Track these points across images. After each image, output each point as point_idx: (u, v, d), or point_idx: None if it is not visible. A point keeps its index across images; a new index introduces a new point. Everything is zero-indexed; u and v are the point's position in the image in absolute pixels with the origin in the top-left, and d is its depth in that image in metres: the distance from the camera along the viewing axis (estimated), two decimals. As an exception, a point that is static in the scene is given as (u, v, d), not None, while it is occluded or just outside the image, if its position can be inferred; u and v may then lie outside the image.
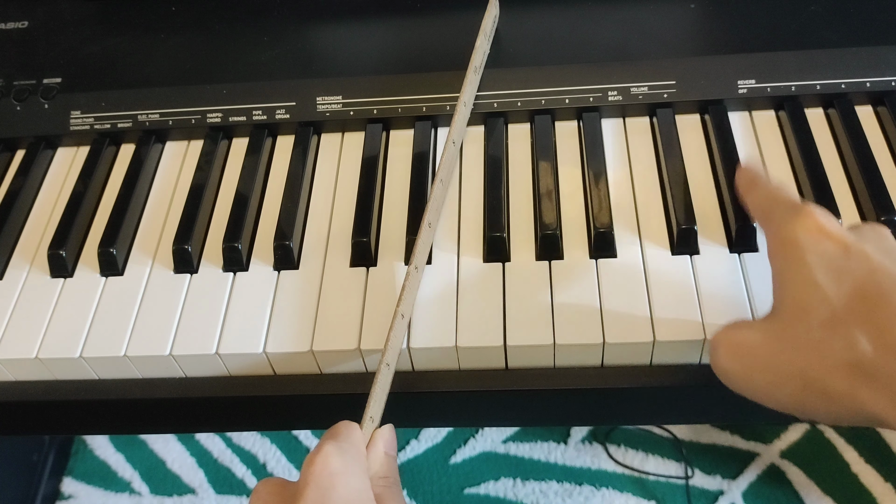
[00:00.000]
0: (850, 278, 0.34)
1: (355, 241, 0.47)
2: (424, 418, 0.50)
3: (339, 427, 0.38)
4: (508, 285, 0.45)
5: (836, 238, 0.35)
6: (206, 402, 0.47)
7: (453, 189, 0.50)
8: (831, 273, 0.34)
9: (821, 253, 0.35)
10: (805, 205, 0.37)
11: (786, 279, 0.36)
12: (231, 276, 0.48)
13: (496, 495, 1.03)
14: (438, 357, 0.44)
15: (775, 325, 0.35)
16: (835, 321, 0.33)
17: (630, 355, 0.43)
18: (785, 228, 0.36)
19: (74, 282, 0.50)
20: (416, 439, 1.08)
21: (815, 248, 0.35)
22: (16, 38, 0.61)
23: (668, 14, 0.55)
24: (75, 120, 0.56)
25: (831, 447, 1.04)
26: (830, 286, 0.34)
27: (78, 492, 1.08)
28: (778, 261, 0.36)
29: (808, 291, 0.34)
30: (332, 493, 0.33)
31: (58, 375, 0.48)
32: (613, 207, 0.48)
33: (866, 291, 0.33)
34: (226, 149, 0.55)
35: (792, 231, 0.36)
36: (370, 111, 0.53)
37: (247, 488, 1.06)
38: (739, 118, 0.52)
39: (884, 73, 0.50)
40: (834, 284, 0.34)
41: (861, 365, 0.32)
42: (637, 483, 1.03)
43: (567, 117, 0.53)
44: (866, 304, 0.33)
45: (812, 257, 0.35)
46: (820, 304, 0.34)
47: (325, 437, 0.37)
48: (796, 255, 0.35)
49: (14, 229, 0.53)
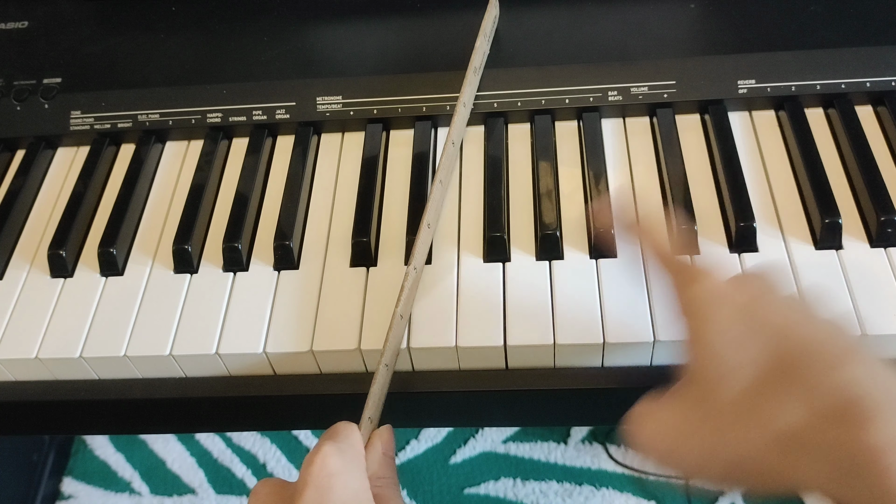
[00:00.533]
0: (756, 342, 0.31)
1: (355, 241, 0.47)
2: (424, 418, 0.50)
3: (338, 427, 0.38)
4: (508, 285, 0.45)
5: (735, 302, 0.33)
6: (206, 402, 0.47)
7: (453, 189, 0.50)
8: (738, 340, 0.32)
9: (723, 320, 0.32)
10: (698, 268, 0.35)
11: (694, 347, 0.33)
12: (231, 276, 0.48)
13: (496, 495, 1.02)
14: (438, 357, 0.44)
15: (693, 398, 0.33)
16: (754, 391, 0.31)
17: (630, 355, 0.43)
18: (688, 297, 0.34)
19: (74, 282, 0.49)
20: (416, 439, 1.08)
21: (716, 315, 0.33)
22: (16, 38, 0.61)
23: (668, 14, 0.55)
24: (75, 120, 0.56)
25: (831, 447, 1.04)
26: (738, 351, 0.32)
27: (78, 492, 1.08)
28: (687, 331, 0.34)
29: (718, 361, 0.32)
30: (330, 493, 0.33)
31: (58, 375, 0.48)
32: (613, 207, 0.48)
33: (780, 355, 0.31)
34: (226, 149, 0.55)
35: (694, 299, 0.34)
36: (370, 111, 0.53)
37: (247, 488, 1.06)
38: (739, 118, 0.52)
39: (884, 73, 0.50)
40: (741, 349, 0.32)
41: (793, 436, 0.29)
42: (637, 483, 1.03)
43: (567, 117, 0.53)
44: (783, 369, 0.30)
45: (716, 325, 0.32)
46: (731, 371, 0.31)
47: (323, 437, 0.37)
48: (704, 323, 0.33)
49: (14, 229, 0.53)
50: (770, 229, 0.46)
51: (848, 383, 0.29)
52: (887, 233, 0.45)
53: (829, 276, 0.44)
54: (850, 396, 0.28)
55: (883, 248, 0.45)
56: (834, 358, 0.30)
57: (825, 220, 0.45)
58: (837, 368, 0.29)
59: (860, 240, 0.45)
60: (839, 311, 0.42)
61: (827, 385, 0.29)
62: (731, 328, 0.32)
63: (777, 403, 0.30)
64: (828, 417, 0.29)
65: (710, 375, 0.32)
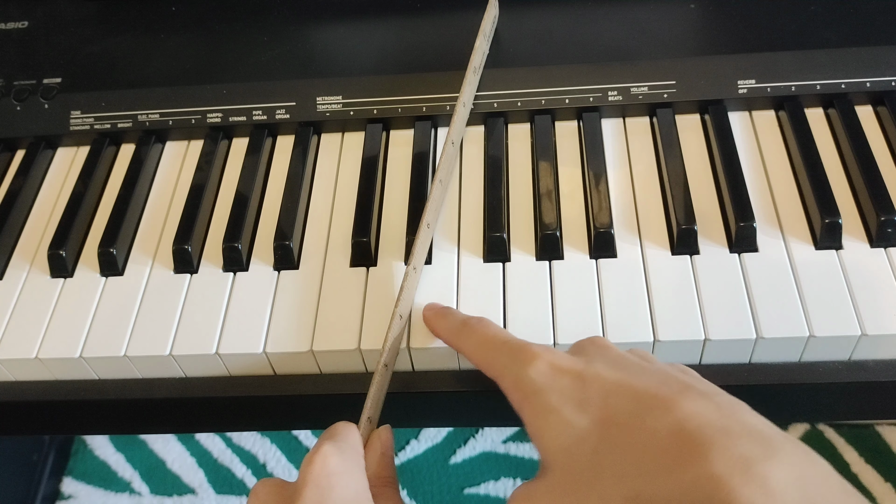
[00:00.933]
0: (594, 407, 0.32)
1: (355, 241, 0.47)
2: (424, 418, 0.50)
3: (337, 427, 0.38)
4: (508, 285, 0.45)
5: (569, 371, 0.33)
6: (206, 402, 0.47)
7: (453, 189, 0.50)
8: (576, 407, 0.32)
9: (560, 390, 0.33)
10: (527, 346, 0.35)
11: (539, 428, 0.33)
12: (231, 276, 0.48)
13: (496, 495, 1.02)
14: (438, 357, 0.44)
15: (552, 480, 0.32)
16: (596, 457, 0.30)
17: (630, 355, 0.43)
18: (518, 378, 0.34)
19: (74, 282, 0.49)
20: (415, 439, 1.08)
21: (553, 388, 0.33)
22: (16, 38, 0.61)
23: (668, 14, 0.55)
24: (75, 120, 0.56)
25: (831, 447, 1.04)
26: (580, 421, 0.31)
27: (78, 492, 1.08)
28: (526, 412, 0.34)
29: (563, 433, 0.32)
30: (330, 493, 0.33)
31: (58, 375, 0.48)
32: (613, 207, 0.48)
33: (610, 419, 0.31)
34: (226, 149, 0.55)
35: (527, 378, 0.34)
36: (370, 111, 0.53)
37: (247, 488, 1.06)
38: (739, 118, 0.52)
39: (884, 73, 0.50)
40: (582, 418, 0.31)
41: (638, 499, 0.28)
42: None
43: (567, 117, 0.53)
44: (615, 432, 0.30)
45: (554, 398, 0.33)
46: (578, 443, 0.31)
47: (322, 437, 0.37)
48: (540, 401, 0.33)
49: (14, 229, 0.53)
50: (770, 229, 0.46)
51: (681, 422, 0.29)
52: (887, 233, 0.45)
53: (829, 276, 0.44)
54: (684, 435, 0.28)
55: (883, 248, 0.45)
56: (666, 401, 0.30)
57: (825, 220, 0.45)
58: (671, 411, 0.29)
59: (860, 240, 0.45)
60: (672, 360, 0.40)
61: (663, 431, 0.29)
62: (574, 394, 0.32)
63: (616, 466, 0.29)
64: (669, 464, 0.28)
65: (562, 447, 0.32)
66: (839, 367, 0.43)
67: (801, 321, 0.42)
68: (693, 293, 0.44)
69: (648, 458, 0.29)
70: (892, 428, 1.05)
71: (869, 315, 0.42)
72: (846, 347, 0.42)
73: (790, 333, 0.42)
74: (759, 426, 0.28)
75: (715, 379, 0.42)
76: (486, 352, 0.37)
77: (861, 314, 0.42)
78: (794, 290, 0.43)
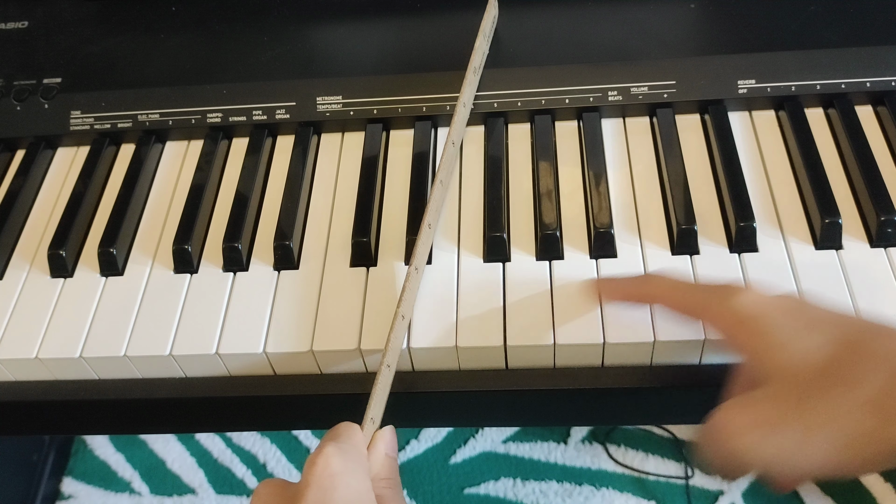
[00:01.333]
0: (821, 329, 0.35)
1: (355, 241, 0.47)
2: (424, 418, 0.50)
3: (340, 428, 0.38)
4: (508, 285, 0.45)
5: (782, 300, 0.36)
6: (206, 402, 0.47)
7: (453, 189, 0.50)
8: (800, 331, 0.35)
9: (779, 317, 0.35)
10: (724, 284, 0.38)
11: (761, 350, 0.35)
12: (231, 276, 0.48)
13: (496, 495, 1.02)
14: (438, 357, 0.44)
15: (778, 390, 0.34)
16: (833, 367, 0.33)
17: (630, 355, 0.43)
18: (728, 308, 0.37)
19: (74, 282, 0.49)
20: (416, 439, 1.08)
21: (771, 311, 0.36)
22: (16, 38, 0.61)
23: (668, 14, 0.55)
24: (75, 120, 0.56)
25: (831, 447, 1.04)
26: (807, 341, 0.34)
27: (78, 492, 1.08)
28: (741, 339, 0.36)
29: (790, 352, 0.34)
30: (333, 493, 0.33)
31: (58, 375, 0.48)
32: (613, 207, 0.48)
33: (845, 334, 0.34)
34: (226, 149, 0.55)
35: (738, 306, 0.36)
36: (370, 111, 0.53)
37: (247, 488, 1.06)
38: (739, 118, 0.52)
39: (884, 73, 0.50)
40: (810, 339, 0.34)
41: (884, 394, 0.32)
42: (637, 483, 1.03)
43: (567, 117, 0.53)
44: (853, 344, 0.34)
45: (774, 322, 0.35)
46: (807, 358, 0.34)
47: (325, 437, 0.37)
48: (761, 325, 0.35)
49: (14, 229, 0.53)
50: (770, 229, 0.46)
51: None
52: (887, 233, 0.45)
53: (829, 276, 0.44)
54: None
55: (883, 248, 0.45)
56: (893, 331, 0.34)
57: (825, 220, 0.45)
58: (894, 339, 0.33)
59: (860, 240, 0.45)
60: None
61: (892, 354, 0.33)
62: (789, 322, 0.35)
63: (859, 371, 0.33)
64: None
65: (785, 366, 0.34)
66: (839, 367, 0.43)
67: (801, 321, 0.42)
68: (693, 293, 0.44)
69: (883, 368, 0.32)
70: (892, 428, 1.05)
71: (869, 315, 0.42)
72: (846, 347, 0.42)
73: (790, 333, 0.42)
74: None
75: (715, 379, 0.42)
76: (681, 293, 0.40)
77: (861, 314, 0.42)
78: (794, 290, 0.43)
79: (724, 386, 0.39)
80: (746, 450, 0.34)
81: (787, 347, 0.34)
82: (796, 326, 0.35)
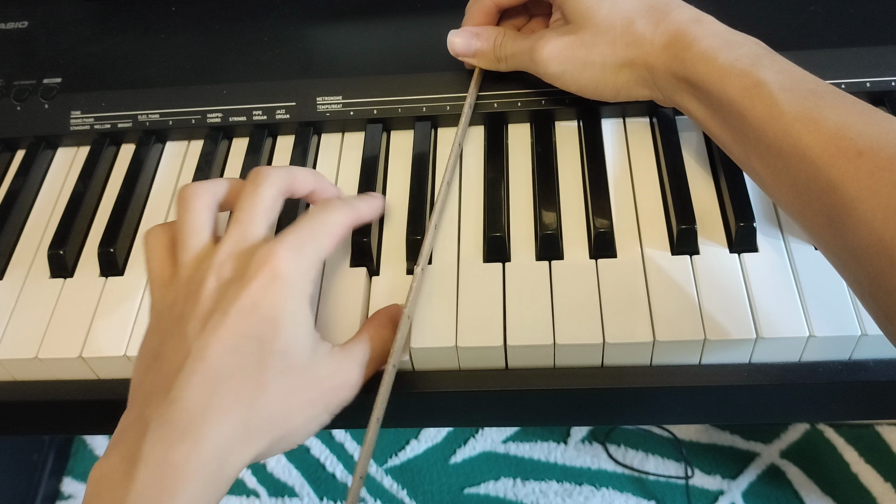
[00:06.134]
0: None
1: (356, 240, 0.47)
2: (424, 418, 0.50)
3: None
4: (508, 285, 0.45)
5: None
6: (206, 402, 0.47)
7: (453, 189, 0.50)
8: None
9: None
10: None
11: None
12: (231, 276, 0.48)
13: (496, 495, 1.03)
14: (438, 357, 0.44)
15: (580, 31, 0.45)
16: (628, 20, 0.44)
17: (630, 355, 0.43)
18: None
19: (74, 282, 0.50)
20: (416, 439, 1.08)
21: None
22: (16, 38, 0.61)
23: (668, 14, 0.55)
24: (75, 120, 0.56)
25: (831, 447, 1.04)
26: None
27: (78, 492, 1.08)
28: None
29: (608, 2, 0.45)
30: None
31: (58, 375, 0.48)
32: (613, 207, 0.48)
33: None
34: (226, 149, 0.55)
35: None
36: (370, 111, 0.53)
37: (246, 488, 1.06)
38: (739, 118, 0.52)
39: (884, 73, 0.50)
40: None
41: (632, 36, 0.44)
42: (637, 483, 1.03)
43: (567, 117, 0.53)
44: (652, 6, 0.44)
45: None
46: (614, 8, 0.44)
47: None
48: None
49: (14, 229, 0.53)
50: (770, 229, 0.46)
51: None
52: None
53: (830, 276, 0.44)
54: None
55: None
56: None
57: (825, 220, 0.45)
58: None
59: (860, 240, 0.45)
60: None
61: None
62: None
63: (637, 28, 0.44)
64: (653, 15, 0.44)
65: (588, 14, 0.45)
66: (839, 367, 0.43)
67: (801, 321, 0.42)
68: (693, 293, 0.44)
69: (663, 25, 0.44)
70: (891, 428, 1.06)
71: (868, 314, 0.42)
72: (846, 347, 0.42)
73: (790, 333, 0.42)
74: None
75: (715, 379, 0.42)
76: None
77: (861, 314, 0.42)
78: (794, 290, 0.43)
79: (723, 386, 0.39)
80: (555, 77, 0.47)
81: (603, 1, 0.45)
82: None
